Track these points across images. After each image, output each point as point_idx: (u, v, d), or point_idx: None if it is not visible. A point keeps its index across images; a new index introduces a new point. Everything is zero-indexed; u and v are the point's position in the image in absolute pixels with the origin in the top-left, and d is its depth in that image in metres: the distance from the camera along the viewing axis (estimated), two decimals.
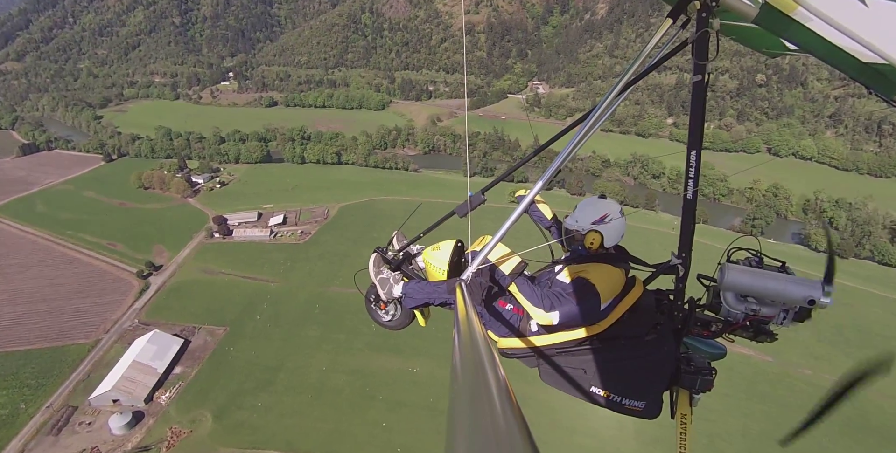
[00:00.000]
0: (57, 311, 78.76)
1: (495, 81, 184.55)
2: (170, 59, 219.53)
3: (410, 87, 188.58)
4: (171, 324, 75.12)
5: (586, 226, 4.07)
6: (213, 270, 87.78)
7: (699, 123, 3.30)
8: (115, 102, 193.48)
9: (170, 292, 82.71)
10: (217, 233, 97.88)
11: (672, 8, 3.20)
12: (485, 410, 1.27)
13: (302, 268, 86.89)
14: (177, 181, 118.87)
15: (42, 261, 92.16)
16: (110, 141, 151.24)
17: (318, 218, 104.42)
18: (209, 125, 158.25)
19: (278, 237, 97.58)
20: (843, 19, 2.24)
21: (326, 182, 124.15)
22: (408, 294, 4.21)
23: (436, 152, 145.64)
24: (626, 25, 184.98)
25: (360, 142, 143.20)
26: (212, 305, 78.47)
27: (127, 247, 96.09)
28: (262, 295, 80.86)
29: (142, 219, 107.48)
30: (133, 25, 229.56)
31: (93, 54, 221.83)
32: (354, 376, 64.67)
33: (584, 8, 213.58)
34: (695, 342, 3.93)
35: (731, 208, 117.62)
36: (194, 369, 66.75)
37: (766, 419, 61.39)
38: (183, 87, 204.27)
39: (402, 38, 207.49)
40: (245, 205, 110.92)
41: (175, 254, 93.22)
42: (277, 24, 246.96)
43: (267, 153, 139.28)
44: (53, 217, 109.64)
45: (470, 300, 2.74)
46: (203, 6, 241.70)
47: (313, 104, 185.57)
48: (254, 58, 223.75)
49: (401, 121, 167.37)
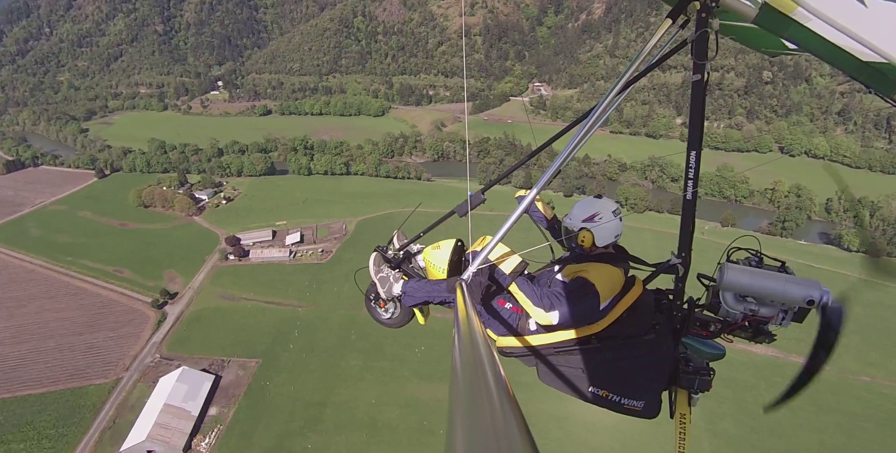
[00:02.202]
0: (67, 348, 72.57)
1: (496, 84, 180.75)
2: (154, 68, 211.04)
3: (410, 93, 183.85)
4: (197, 357, 69.60)
5: (577, 225, 4.08)
6: (234, 296, 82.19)
7: (699, 123, 3.29)
8: (99, 115, 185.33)
9: (190, 322, 76.98)
10: (232, 255, 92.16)
11: (672, 8, 3.18)
12: (485, 410, 1.28)
13: (329, 290, 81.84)
14: (180, 198, 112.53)
15: (44, 293, 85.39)
16: (101, 155, 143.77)
17: (336, 234, 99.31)
18: (204, 136, 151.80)
19: (298, 257, 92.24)
20: (843, 19, 2.29)
21: (338, 194, 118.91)
22: (407, 292, 4.19)
23: (445, 159, 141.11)
24: (625, 25, 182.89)
25: (366, 151, 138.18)
26: (239, 335, 73.05)
27: (135, 273, 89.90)
28: (291, 321, 75.69)
29: (147, 242, 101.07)
30: (113, 35, 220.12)
31: (73, 66, 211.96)
32: (407, 409, 60.09)
33: (579, 8, 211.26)
34: (694, 342, 3.89)
35: (753, 210, 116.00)
36: (231, 409, 61.45)
37: (840, 431, 60.39)
38: (170, 97, 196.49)
39: (397, 43, 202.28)
40: (256, 223, 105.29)
41: (189, 280, 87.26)
42: (264, 30, 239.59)
43: (271, 165, 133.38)
44: (50, 241, 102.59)
45: (470, 300, 2.85)
46: (186, 13, 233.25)
47: (310, 112, 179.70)
48: (243, 65, 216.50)
49: (403, 127, 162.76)
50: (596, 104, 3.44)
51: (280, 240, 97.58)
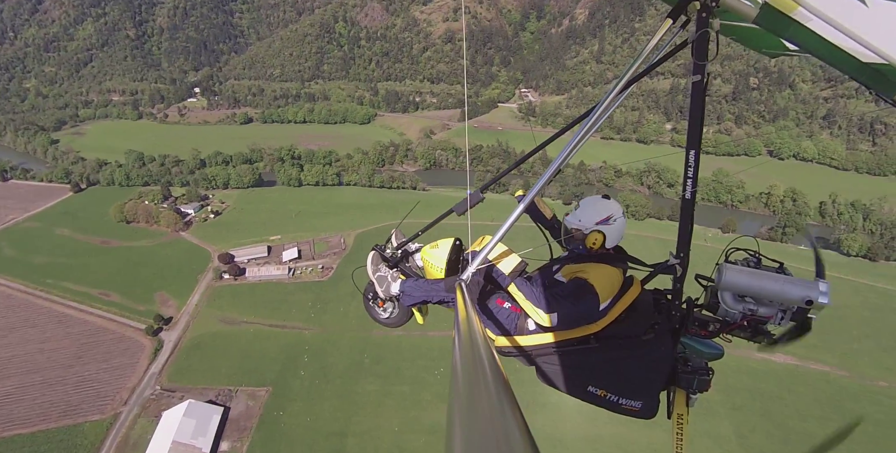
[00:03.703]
0: (57, 383, 67.25)
1: (483, 90, 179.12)
2: (127, 75, 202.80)
3: (396, 99, 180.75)
4: (202, 388, 65.33)
5: (590, 226, 3.97)
6: (234, 320, 77.90)
7: (698, 123, 3.28)
8: (70, 124, 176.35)
9: (190, 350, 72.39)
10: (227, 274, 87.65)
11: (672, 8, 3.18)
12: (485, 410, 1.28)
13: (335, 311, 78.27)
14: (165, 213, 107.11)
15: (24, 321, 79.32)
16: (74, 167, 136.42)
17: (335, 249, 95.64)
18: (184, 146, 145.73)
19: (298, 274, 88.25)
20: (843, 19, 2.29)
21: (331, 206, 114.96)
22: (405, 292, 4.14)
23: (437, 168, 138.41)
24: (610, 31, 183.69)
25: (357, 161, 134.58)
26: (244, 362, 68.95)
27: (123, 297, 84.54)
28: (298, 346, 71.91)
29: (133, 261, 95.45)
30: (83, 39, 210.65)
31: (39, 72, 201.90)
32: (434, 436, 57.11)
33: (561, 13, 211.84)
34: (692, 342, 3.86)
35: (749, 214, 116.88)
36: (244, 443, 57.60)
37: (869, 440, 59.52)
38: (145, 104, 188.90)
39: (381, 48, 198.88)
40: (249, 238, 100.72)
41: (183, 303, 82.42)
42: (241, 35, 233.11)
43: (258, 176, 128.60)
44: (26, 262, 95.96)
45: (470, 300, 2.88)
46: (159, 18, 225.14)
47: (293, 120, 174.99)
48: (220, 71, 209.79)
49: (390, 134, 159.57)
50: (597, 103, 3.42)
51: (276, 257, 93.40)
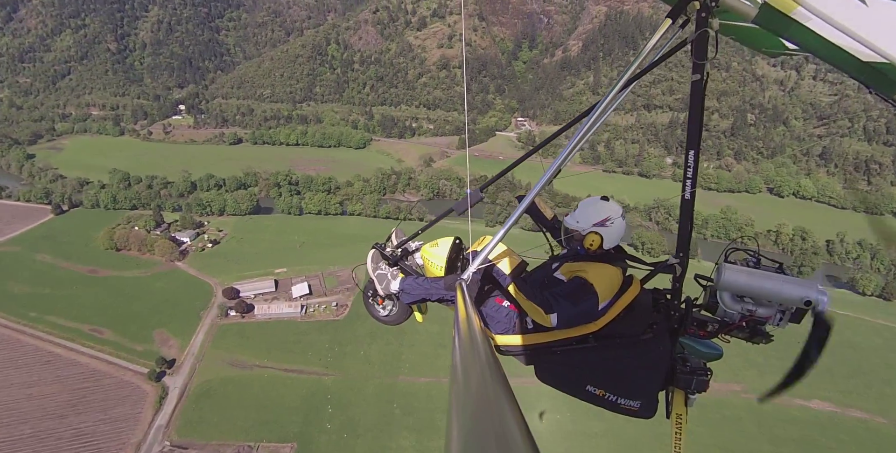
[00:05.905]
0: (49, 436, 60.13)
1: (480, 118, 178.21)
2: (108, 89, 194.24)
3: (392, 124, 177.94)
4: (217, 444, 59.38)
5: (587, 227, 3.97)
6: (245, 363, 72.01)
7: (698, 123, 3.28)
8: (46, 138, 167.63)
9: (199, 398, 66.14)
10: (233, 311, 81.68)
11: (671, 8, 3.19)
12: (484, 409, 1.28)
13: (355, 354, 73.26)
14: (160, 241, 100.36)
15: (7, 361, 71.67)
16: (53, 186, 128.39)
17: (347, 284, 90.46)
18: (171, 166, 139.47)
19: (311, 312, 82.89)
20: (843, 18, 2.30)
21: (336, 237, 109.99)
22: (405, 290, 4.16)
23: (440, 197, 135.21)
24: (604, 63, 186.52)
25: (357, 189, 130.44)
26: (262, 414, 63.18)
27: (117, 334, 77.71)
28: (319, 394, 66.59)
29: (126, 293, 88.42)
30: (60, 51, 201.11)
31: (13, 82, 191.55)
32: None
33: (553, 43, 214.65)
34: (691, 342, 3.87)
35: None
36: None
37: None
38: (127, 120, 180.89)
39: (375, 72, 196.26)
40: (252, 270, 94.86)
41: (186, 343, 76.06)
42: (227, 53, 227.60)
43: (256, 203, 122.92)
44: (4, 292, 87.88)
45: (470, 300, 2.89)
46: (141, 32, 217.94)
47: (285, 142, 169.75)
48: (206, 89, 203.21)
49: (388, 160, 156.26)
50: (597, 102, 3.42)
51: (285, 292, 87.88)
